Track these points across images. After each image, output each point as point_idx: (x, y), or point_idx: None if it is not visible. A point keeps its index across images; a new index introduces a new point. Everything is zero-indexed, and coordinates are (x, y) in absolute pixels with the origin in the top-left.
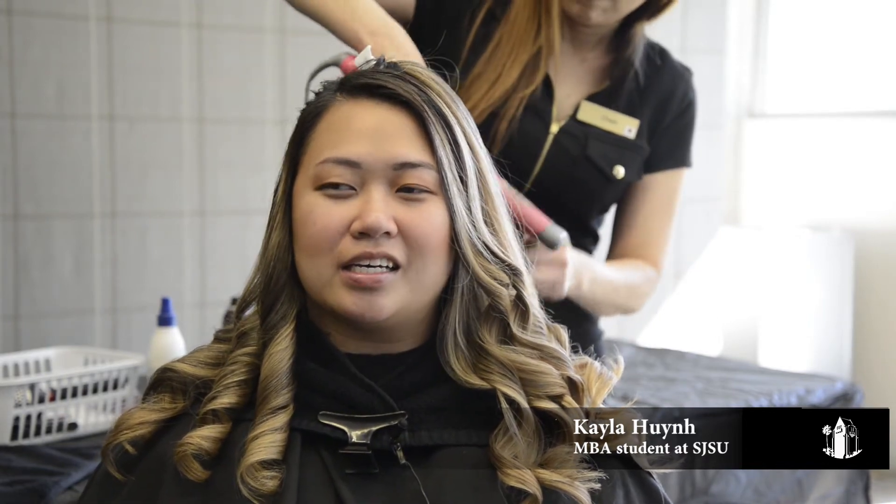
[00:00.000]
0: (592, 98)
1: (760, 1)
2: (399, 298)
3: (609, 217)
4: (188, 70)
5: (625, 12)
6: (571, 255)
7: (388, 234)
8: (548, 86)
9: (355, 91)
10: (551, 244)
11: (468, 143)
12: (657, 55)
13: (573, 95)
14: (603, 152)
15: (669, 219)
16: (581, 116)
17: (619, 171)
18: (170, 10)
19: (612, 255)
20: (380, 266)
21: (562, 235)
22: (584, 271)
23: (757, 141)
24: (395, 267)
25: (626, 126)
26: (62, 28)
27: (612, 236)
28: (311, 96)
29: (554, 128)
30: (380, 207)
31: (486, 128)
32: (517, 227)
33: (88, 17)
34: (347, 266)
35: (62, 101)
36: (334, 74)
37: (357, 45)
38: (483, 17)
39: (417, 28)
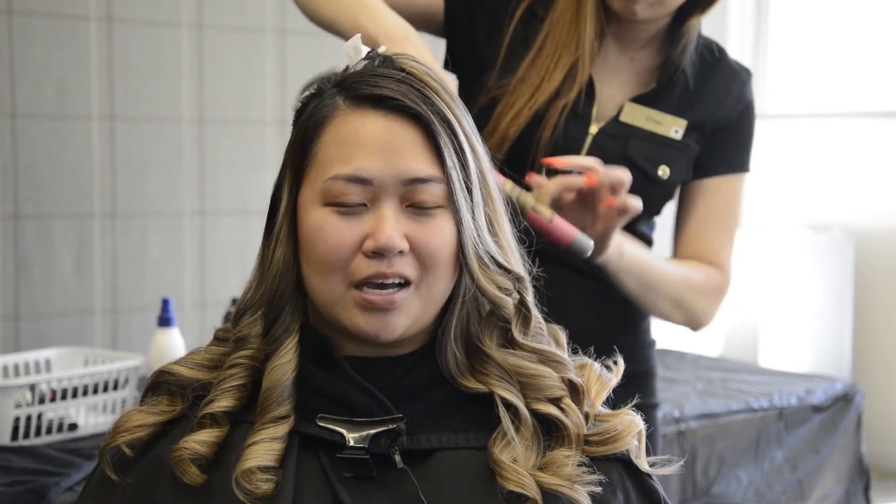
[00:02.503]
0: (638, 100)
1: (760, 1)
2: (411, 315)
3: (663, 224)
4: (188, 70)
5: (672, 6)
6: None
7: (400, 252)
8: (590, 86)
9: (360, 101)
10: (580, 253)
11: (470, 147)
12: (711, 53)
13: (618, 96)
14: (645, 153)
15: (731, 225)
16: (624, 118)
17: (665, 171)
18: (170, 10)
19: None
20: (392, 284)
21: (590, 243)
22: (624, 242)
23: (757, 141)
24: (407, 283)
25: (673, 127)
26: (62, 28)
27: (672, 248)
28: (311, 91)
29: (593, 129)
30: (392, 226)
31: (531, 134)
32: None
33: (89, 18)
34: (359, 285)
35: (62, 101)
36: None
37: (370, 46)
38: (521, 15)
39: (450, 29)
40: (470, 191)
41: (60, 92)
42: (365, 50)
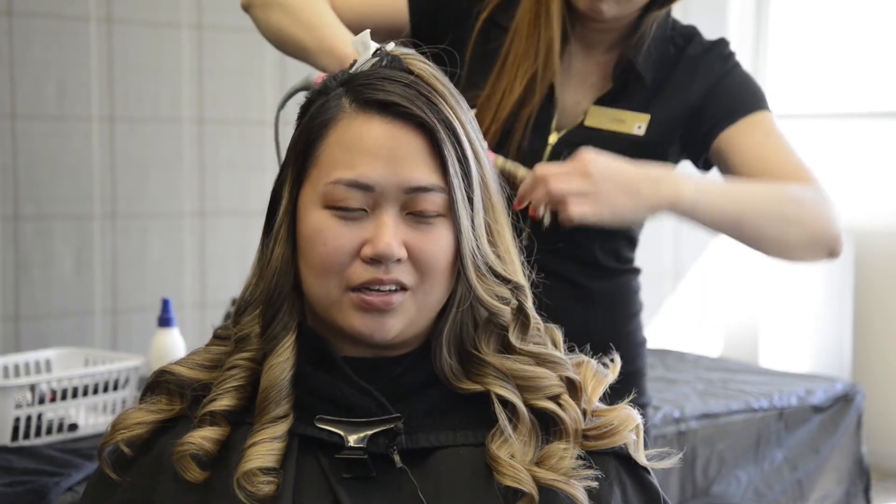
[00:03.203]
0: (600, 101)
1: (760, 1)
2: (407, 318)
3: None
4: (188, 70)
5: (640, 2)
6: (595, 156)
7: (398, 259)
8: (550, 95)
9: (366, 105)
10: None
11: (474, 154)
12: (680, 40)
13: (583, 101)
14: None
15: (788, 148)
16: (589, 122)
17: None
18: (170, 10)
19: None
20: (389, 289)
21: None
22: (677, 177)
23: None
24: (403, 289)
25: (636, 123)
26: (62, 28)
27: None
28: (307, 98)
29: (552, 139)
30: (392, 233)
31: (500, 149)
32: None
33: (89, 18)
34: (356, 289)
35: (62, 101)
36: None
37: (342, 67)
38: (482, 27)
39: (417, 39)
40: (471, 200)
41: (60, 92)
42: (374, 46)
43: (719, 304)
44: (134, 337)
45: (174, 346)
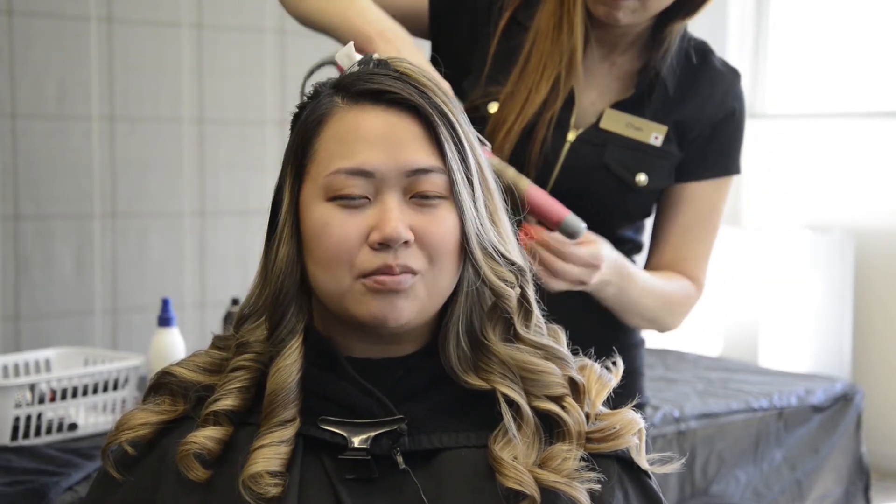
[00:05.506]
0: (618, 106)
1: (760, 1)
2: (418, 301)
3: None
4: (188, 70)
5: (655, 11)
6: (607, 255)
7: (405, 243)
8: (569, 93)
9: (358, 97)
10: (572, 234)
11: (468, 141)
12: (696, 55)
13: (598, 102)
14: (622, 160)
15: (711, 232)
16: (604, 125)
17: (642, 179)
18: (170, 10)
19: (647, 269)
20: (400, 271)
21: (582, 225)
22: (615, 270)
23: (757, 141)
24: (413, 273)
25: (653, 133)
26: (63, 28)
27: (649, 249)
28: (306, 96)
29: (571, 136)
30: (397, 217)
31: (523, 148)
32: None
33: (89, 18)
34: (367, 275)
35: (62, 101)
36: (330, 72)
37: (365, 47)
38: (505, 24)
39: (435, 32)
40: (471, 182)
41: (60, 92)
42: (358, 56)
43: (719, 304)
44: (134, 337)
45: (174, 345)
